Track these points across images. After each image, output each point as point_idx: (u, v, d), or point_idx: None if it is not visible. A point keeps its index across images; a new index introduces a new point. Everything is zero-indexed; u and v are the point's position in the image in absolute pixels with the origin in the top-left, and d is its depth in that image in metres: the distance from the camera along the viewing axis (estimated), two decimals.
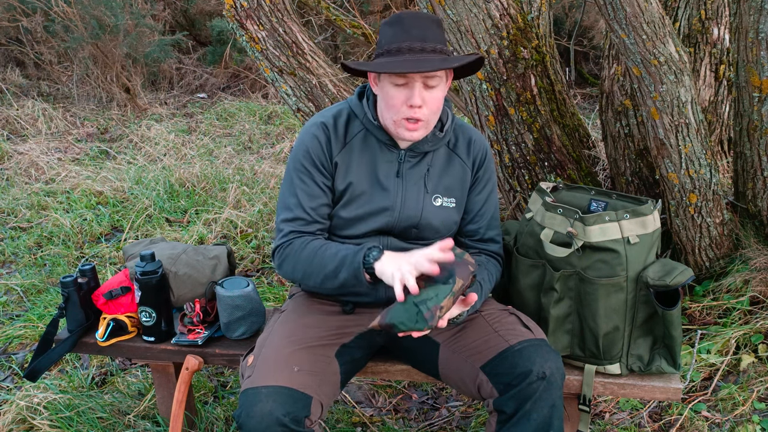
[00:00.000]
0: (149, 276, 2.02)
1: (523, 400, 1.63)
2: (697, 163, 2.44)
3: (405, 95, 1.70)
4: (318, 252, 1.78)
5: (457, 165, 1.88)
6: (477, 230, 1.92)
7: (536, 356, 1.66)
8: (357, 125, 1.85)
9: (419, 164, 1.85)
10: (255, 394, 1.62)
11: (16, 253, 3.86)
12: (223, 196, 4.43)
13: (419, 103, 1.69)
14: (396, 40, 1.70)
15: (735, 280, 2.59)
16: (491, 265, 1.90)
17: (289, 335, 1.80)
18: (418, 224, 1.84)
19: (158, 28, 7.33)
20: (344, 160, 1.82)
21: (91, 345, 2.14)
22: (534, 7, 2.98)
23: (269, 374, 1.67)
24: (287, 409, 1.59)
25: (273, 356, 1.74)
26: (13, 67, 7.77)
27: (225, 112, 6.70)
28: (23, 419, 2.37)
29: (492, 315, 1.83)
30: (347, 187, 1.82)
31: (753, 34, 2.37)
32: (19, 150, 5.51)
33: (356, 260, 1.70)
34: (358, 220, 1.83)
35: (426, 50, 1.69)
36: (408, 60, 1.67)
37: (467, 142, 1.90)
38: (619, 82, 2.85)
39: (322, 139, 1.81)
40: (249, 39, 3.05)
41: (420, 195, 1.84)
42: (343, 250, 1.75)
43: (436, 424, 2.42)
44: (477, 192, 1.91)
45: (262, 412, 1.58)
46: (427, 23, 1.72)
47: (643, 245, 1.79)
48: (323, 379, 1.72)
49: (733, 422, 2.25)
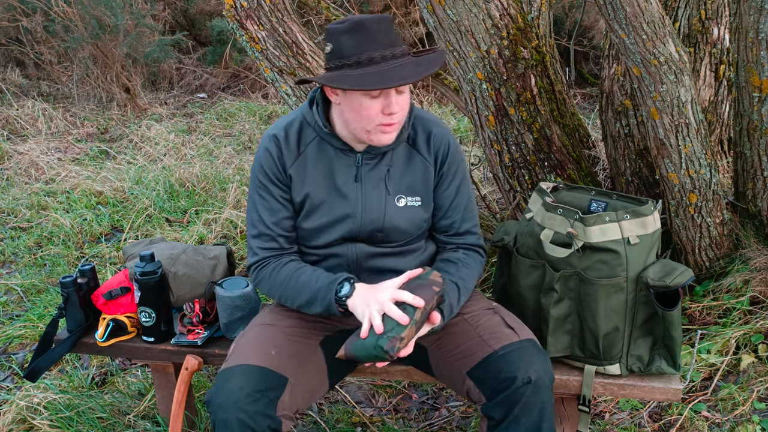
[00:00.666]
0: (149, 276, 2.02)
1: (510, 405, 1.61)
2: (697, 163, 2.44)
3: (381, 104, 1.65)
4: (291, 279, 1.78)
5: (418, 162, 1.82)
6: (451, 225, 1.87)
7: (520, 361, 1.63)
8: (310, 133, 1.81)
9: (378, 165, 1.80)
10: (227, 373, 1.63)
11: (16, 253, 3.86)
12: (223, 196, 4.43)
13: (396, 110, 1.66)
14: (365, 49, 1.63)
15: (735, 280, 2.59)
16: (471, 260, 1.87)
17: (270, 323, 1.82)
18: (383, 228, 1.80)
19: (158, 28, 7.32)
20: (298, 171, 1.79)
21: (90, 345, 2.14)
22: (534, 7, 2.98)
23: (244, 356, 1.68)
24: (258, 386, 1.59)
25: (250, 341, 1.75)
26: (13, 67, 7.77)
27: (225, 112, 6.70)
28: (23, 419, 2.37)
29: (475, 317, 1.80)
30: (305, 199, 1.80)
31: (753, 34, 2.37)
32: (19, 150, 5.51)
33: (329, 296, 1.71)
34: (321, 231, 1.81)
35: (397, 56, 1.64)
36: (385, 71, 1.62)
37: (427, 136, 1.83)
38: (619, 82, 2.84)
39: (274, 152, 1.79)
40: (249, 39, 3.05)
41: (381, 197, 1.80)
42: (315, 282, 1.74)
43: (436, 424, 2.42)
44: (445, 187, 1.85)
45: (231, 388, 1.58)
46: (388, 26, 1.66)
47: (643, 246, 1.79)
48: (304, 366, 1.72)
49: (733, 422, 2.25)
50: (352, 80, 1.61)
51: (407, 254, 1.85)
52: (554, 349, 1.87)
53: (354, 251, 1.82)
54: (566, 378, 1.88)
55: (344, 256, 1.82)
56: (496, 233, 2.06)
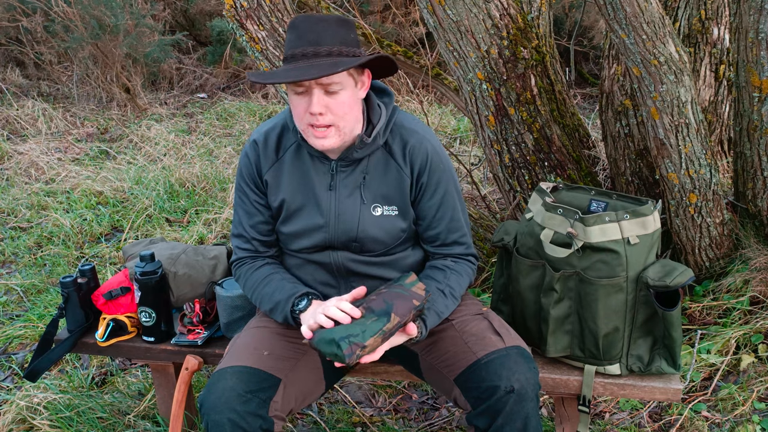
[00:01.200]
0: (149, 276, 2.03)
1: (494, 414, 1.59)
2: (697, 163, 2.44)
3: (305, 103, 1.63)
4: (259, 286, 1.82)
5: (393, 170, 1.76)
6: (437, 236, 1.82)
7: (503, 369, 1.60)
8: (290, 138, 1.80)
9: (353, 173, 1.76)
10: (219, 375, 1.64)
11: (16, 253, 3.86)
12: (223, 196, 4.43)
13: (318, 110, 1.61)
14: (291, 46, 1.63)
15: (735, 280, 2.59)
16: (460, 267, 1.82)
17: (264, 325, 1.83)
18: (357, 237, 1.76)
19: (158, 28, 7.32)
20: (275, 177, 1.79)
21: (90, 345, 2.14)
22: (534, 7, 2.98)
23: (236, 357, 1.69)
24: (250, 387, 1.59)
25: (243, 343, 1.76)
26: (13, 67, 7.77)
27: (225, 112, 6.70)
28: (23, 419, 2.37)
29: (463, 322, 1.78)
30: (282, 204, 1.80)
31: (753, 34, 2.37)
32: (19, 150, 5.51)
33: (286, 309, 1.74)
34: (298, 236, 1.81)
35: (320, 54, 1.60)
36: (299, 67, 1.60)
37: (403, 146, 1.76)
38: (619, 82, 2.84)
39: (252, 157, 1.81)
40: (249, 39, 3.05)
41: (356, 206, 1.75)
42: (277, 293, 1.77)
43: (436, 424, 2.42)
44: (427, 198, 1.78)
45: (223, 388, 1.58)
46: (323, 25, 1.62)
47: (643, 246, 1.79)
48: (298, 366, 1.72)
49: (733, 422, 2.25)
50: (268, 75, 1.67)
51: (390, 263, 1.83)
52: (554, 349, 1.87)
53: (336, 258, 1.81)
54: (566, 378, 1.88)
55: (327, 264, 1.82)
56: (496, 233, 2.06)
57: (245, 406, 1.57)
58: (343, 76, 1.62)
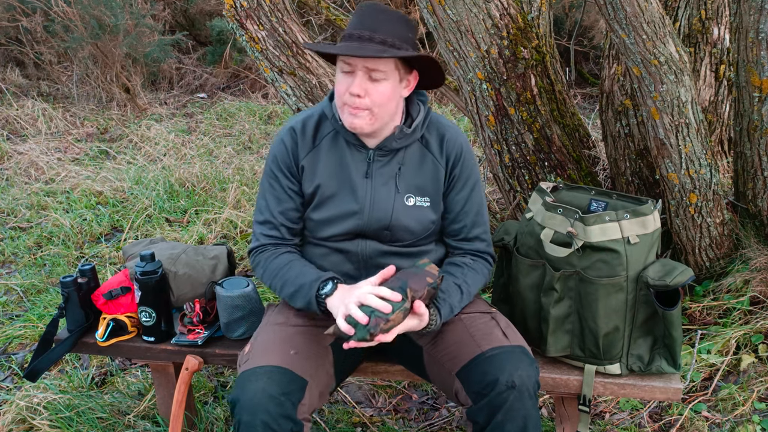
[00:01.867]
0: (149, 276, 2.02)
1: (493, 410, 1.59)
2: (697, 163, 2.44)
3: (348, 83, 1.69)
4: (282, 270, 1.80)
5: (429, 163, 1.83)
6: (461, 229, 1.88)
7: (506, 364, 1.62)
8: (327, 126, 1.84)
9: (390, 163, 1.81)
10: (251, 374, 1.63)
11: (16, 253, 3.86)
12: (223, 196, 4.43)
13: (357, 92, 1.68)
14: (350, 27, 1.70)
15: (735, 280, 2.59)
16: (478, 265, 1.87)
17: (285, 322, 1.83)
18: (389, 226, 1.81)
19: (158, 28, 7.32)
20: (311, 163, 1.82)
21: (91, 345, 2.14)
22: (534, 7, 2.98)
23: (265, 356, 1.68)
24: (282, 389, 1.59)
25: (269, 340, 1.76)
26: (13, 67, 7.77)
27: (225, 112, 6.70)
28: (23, 419, 2.37)
29: (471, 318, 1.80)
30: (316, 190, 1.82)
31: (753, 34, 2.37)
32: (19, 150, 5.51)
33: (310, 293, 1.72)
34: (329, 223, 1.82)
35: (374, 40, 1.66)
36: (350, 46, 1.67)
37: (440, 139, 1.84)
38: (619, 82, 2.84)
39: (289, 143, 1.82)
40: (249, 39, 3.05)
41: (390, 195, 1.80)
42: (301, 277, 1.76)
43: (436, 424, 2.42)
44: (457, 191, 1.85)
45: (256, 389, 1.58)
46: (385, 16, 1.69)
47: (644, 245, 1.79)
48: (319, 367, 1.72)
49: (734, 422, 2.25)
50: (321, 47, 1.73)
51: (415, 255, 1.85)
52: (554, 348, 1.87)
53: (364, 248, 1.83)
54: (566, 378, 1.88)
55: (353, 252, 1.84)
56: (496, 233, 2.06)
57: (278, 408, 1.56)
58: (389, 67, 1.68)
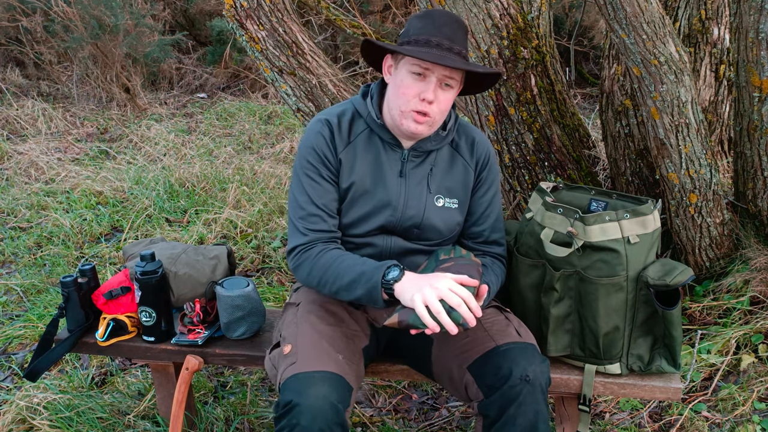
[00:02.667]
0: (149, 276, 2.02)
1: (506, 403, 1.60)
2: (697, 163, 2.44)
3: (420, 88, 1.70)
4: (335, 262, 1.74)
5: (460, 165, 1.88)
6: (481, 232, 1.92)
7: (521, 358, 1.64)
8: (361, 124, 1.84)
9: (422, 164, 1.85)
10: (308, 378, 1.58)
11: (16, 253, 3.86)
12: (223, 196, 4.43)
13: (431, 98, 1.70)
14: (425, 33, 1.70)
15: (735, 280, 2.59)
16: (496, 267, 1.90)
17: (321, 322, 1.78)
18: (420, 224, 1.84)
19: (158, 28, 7.32)
20: (348, 159, 1.82)
21: (91, 345, 2.14)
22: (534, 7, 2.98)
23: (317, 360, 1.64)
24: (339, 396, 1.57)
25: (315, 342, 1.70)
26: (13, 67, 7.77)
27: (225, 112, 6.70)
28: (23, 419, 2.37)
29: (486, 315, 1.82)
30: (350, 186, 1.82)
31: (753, 34, 2.37)
32: (19, 150, 5.51)
33: (375, 278, 1.67)
34: (360, 220, 1.83)
35: (453, 50, 1.70)
36: (433, 53, 1.67)
37: (470, 142, 1.90)
38: (619, 82, 2.85)
39: (327, 135, 1.81)
40: (249, 39, 3.05)
41: (423, 195, 1.84)
42: (361, 265, 1.72)
43: (436, 424, 2.42)
44: (481, 194, 1.90)
45: (317, 394, 1.54)
46: (457, 26, 1.73)
47: (644, 245, 1.79)
48: (358, 372, 1.73)
49: (734, 422, 2.25)
50: (402, 47, 1.70)
51: None
52: (554, 348, 1.87)
53: (389, 243, 1.85)
54: (566, 377, 1.88)
55: (379, 246, 1.85)
56: None
57: (336, 415, 1.55)
58: (459, 77, 1.74)
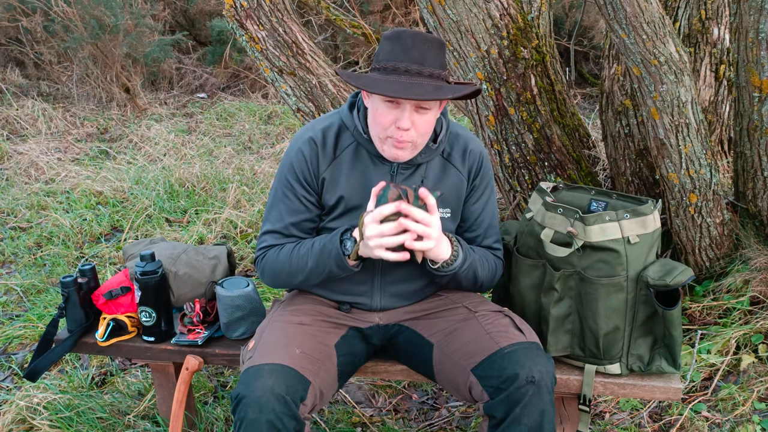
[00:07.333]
0: (149, 276, 2.02)
1: (512, 404, 1.61)
2: (697, 163, 2.44)
3: (395, 115, 1.65)
4: (293, 253, 1.80)
5: (452, 175, 1.85)
6: (475, 238, 1.90)
7: (525, 359, 1.63)
8: (347, 138, 1.82)
9: (413, 176, 1.81)
10: (257, 371, 1.62)
11: (16, 253, 3.86)
12: (223, 196, 4.43)
13: (407, 126, 1.65)
14: (393, 58, 1.64)
15: (735, 280, 2.59)
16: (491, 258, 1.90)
17: (290, 321, 1.82)
18: None
19: (158, 28, 7.33)
20: (332, 175, 1.81)
21: (91, 345, 2.14)
22: (534, 7, 2.98)
23: (271, 353, 1.68)
24: (288, 387, 1.59)
25: (274, 338, 1.75)
26: (13, 67, 7.77)
27: (225, 112, 6.70)
28: (23, 419, 2.37)
29: (486, 317, 1.81)
30: (339, 201, 1.81)
31: (753, 34, 2.37)
32: (19, 150, 5.51)
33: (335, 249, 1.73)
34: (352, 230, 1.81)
35: (423, 74, 1.63)
36: (401, 82, 1.62)
37: (462, 150, 1.86)
38: (619, 82, 2.85)
39: (308, 154, 1.80)
40: (249, 39, 3.05)
41: None
42: (318, 243, 1.77)
43: (436, 424, 2.42)
44: (474, 200, 1.88)
45: (264, 387, 1.57)
46: (427, 45, 1.65)
47: (644, 245, 1.79)
48: (322, 368, 1.72)
49: (734, 422, 2.25)
50: (368, 81, 1.64)
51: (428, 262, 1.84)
52: (554, 348, 1.87)
53: None
54: (566, 377, 1.88)
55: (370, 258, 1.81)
56: None
57: (284, 407, 1.56)
58: None
